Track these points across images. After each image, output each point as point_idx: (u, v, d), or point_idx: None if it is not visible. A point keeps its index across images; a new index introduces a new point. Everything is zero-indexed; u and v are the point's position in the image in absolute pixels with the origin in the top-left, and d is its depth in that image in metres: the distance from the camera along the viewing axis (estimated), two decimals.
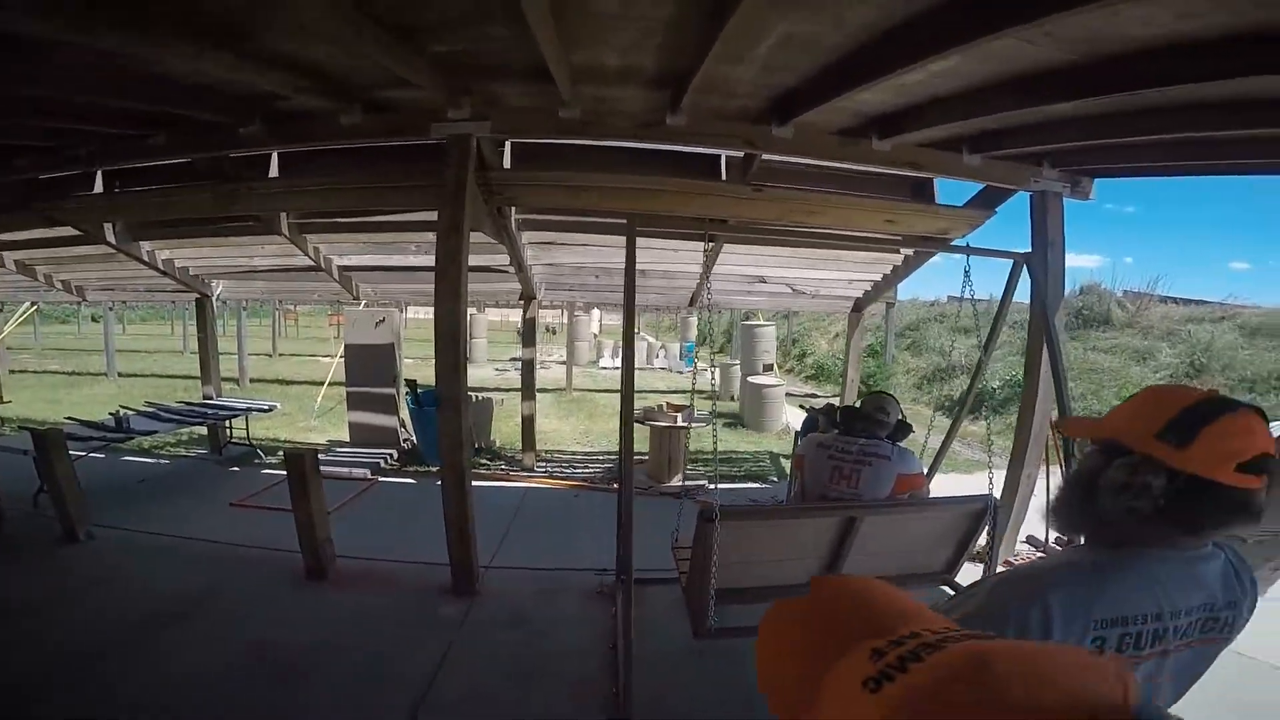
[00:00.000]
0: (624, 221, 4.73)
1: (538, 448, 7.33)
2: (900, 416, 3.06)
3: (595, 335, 19.92)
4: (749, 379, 10.11)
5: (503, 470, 6.76)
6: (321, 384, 9.79)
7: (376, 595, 3.74)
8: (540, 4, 1.98)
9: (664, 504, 5.01)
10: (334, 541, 4.10)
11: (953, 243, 4.87)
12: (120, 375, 13.27)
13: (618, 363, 17.01)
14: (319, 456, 6.46)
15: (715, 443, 2.94)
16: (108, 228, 5.35)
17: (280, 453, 5.67)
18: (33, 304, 11.09)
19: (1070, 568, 0.95)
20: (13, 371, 13.27)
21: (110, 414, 5.96)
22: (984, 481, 3.02)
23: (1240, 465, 0.83)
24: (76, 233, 5.29)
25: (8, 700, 2.67)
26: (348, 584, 3.89)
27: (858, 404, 3.17)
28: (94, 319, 15.74)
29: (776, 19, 2.11)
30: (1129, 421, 0.94)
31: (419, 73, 2.76)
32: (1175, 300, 11.22)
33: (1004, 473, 4.39)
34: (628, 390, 2.77)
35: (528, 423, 6.73)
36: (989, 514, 2.78)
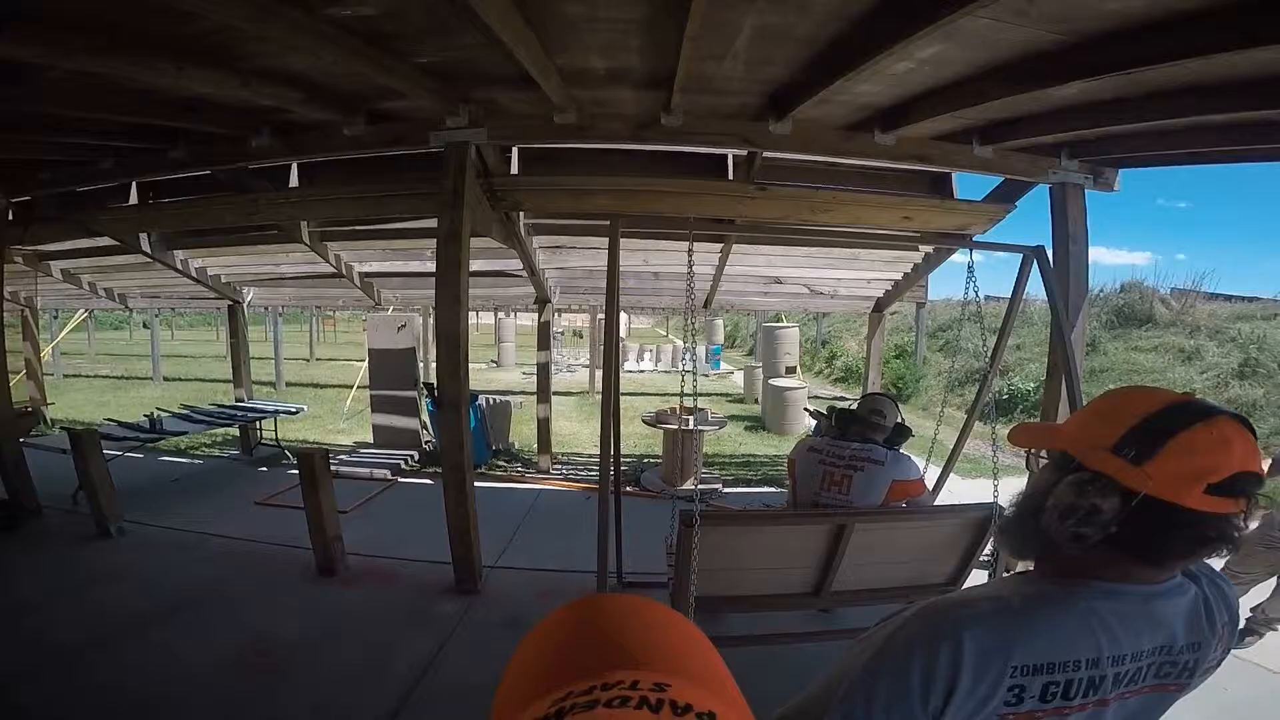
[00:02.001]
0: (638, 225, 4.82)
1: (556, 450, 7.38)
2: (899, 419, 2.96)
3: (623, 339, 19.96)
4: (771, 381, 9.99)
5: (518, 472, 6.83)
6: (352, 388, 10.06)
7: (381, 591, 3.83)
8: (501, 10, 1.99)
9: (679, 507, 4.99)
10: (349, 539, 4.20)
11: (974, 238, 4.74)
12: (165, 379, 13.90)
13: (643, 365, 17.05)
14: (343, 457, 6.73)
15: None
16: (143, 238, 5.59)
17: None
18: (86, 311, 11.68)
19: (995, 602, 0.80)
20: (67, 375, 14.04)
21: (145, 415, 6.22)
22: (1016, 487, 2.88)
23: (1212, 486, 0.70)
24: (115, 242, 5.56)
25: (12, 682, 2.82)
26: (355, 580, 3.98)
27: (853, 406, 3.08)
28: (144, 325, 16.51)
29: (743, 11, 2.08)
30: (1082, 430, 0.82)
31: (410, 83, 2.80)
32: (1224, 297, 10.66)
33: (1024, 478, 4.22)
34: (608, 393, 2.75)
35: (543, 425, 6.77)
36: (993, 523, 2.66)
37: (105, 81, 2.72)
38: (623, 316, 21.28)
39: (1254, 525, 3.15)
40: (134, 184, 4.77)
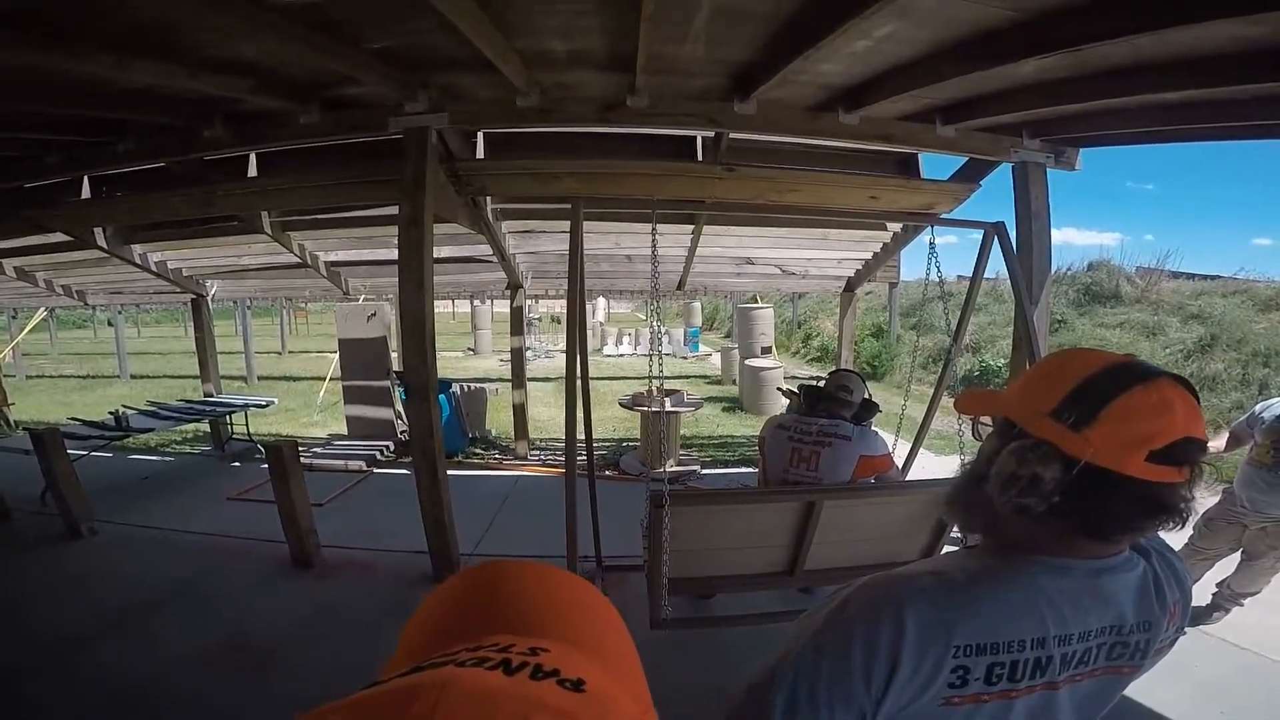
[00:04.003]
0: (606, 208, 4.79)
1: (534, 436, 7.37)
2: (866, 395, 3.00)
3: (601, 324, 19.92)
4: (747, 362, 10.05)
5: (495, 459, 6.81)
6: (325, 379, 9.91)
7: (357, 583, 3.81)
8: None
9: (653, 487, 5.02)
10: (325, 531, 4.18)
11: (941, 217, 4.80)
12: (133, 377, 13.55)
13: (622, 350, 17.04)
14: (317, 450, 6.65)
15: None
16: (98, 232, 5.42)
17: None
18: (46, 309, 11.33)
19: (938, 578, 0.76)
20: (29, 376, 13.63)
21: (110, 413, 6.07)
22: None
23: (1153, 453, 0.66)
24: (69, 238, 5.38)
25: None
26: (331, 573, 3.96)
27: (820, 383, 3.11)
28: (109, 323, 16.05)
29: None
30: (1023, 395, 0.78)
31: (366, 70, 2.74)
32: (1187, 275, 10.95)
33: None
34: (573, 377, 2.74)
35: (519, 411, 6.75)
36: None
37: (40, 75, 2.62)
38: (600, 301, 21.24)
39: (1215, 500, 3.17)
40: (85, 178, 4.62)
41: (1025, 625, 0.72)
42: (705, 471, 6.40)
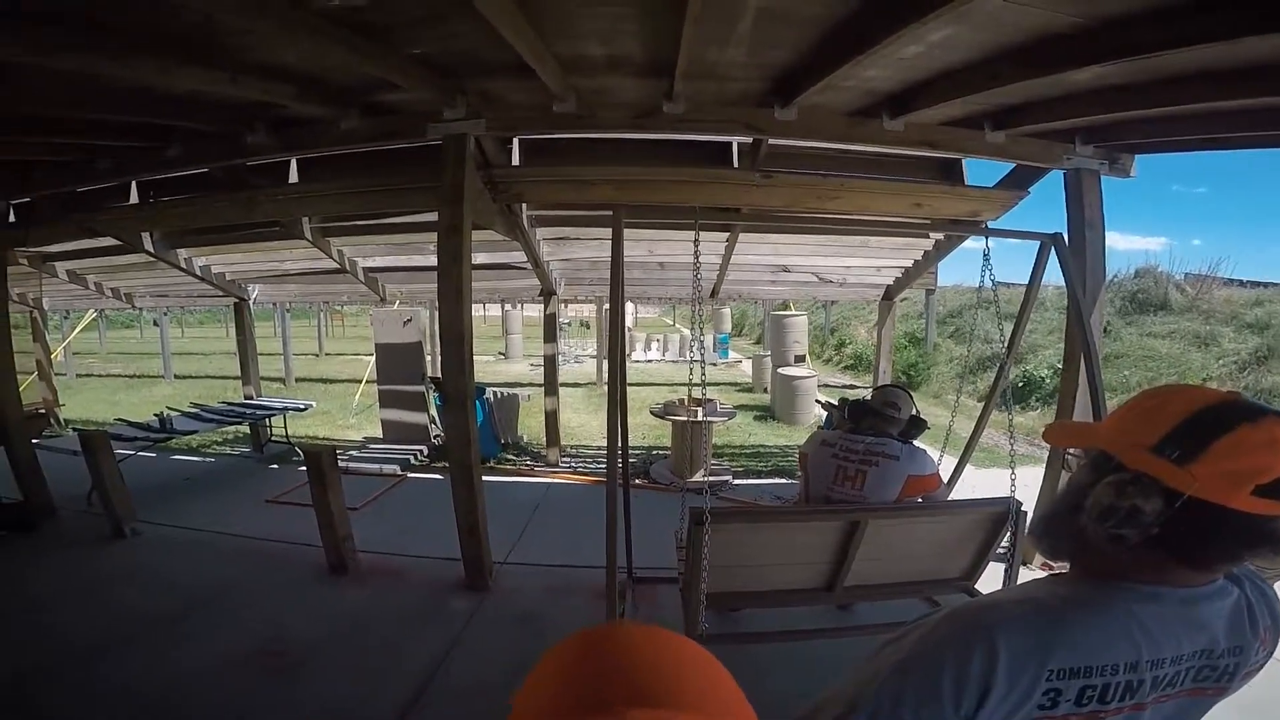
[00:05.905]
0: (642, 215, 4.75)
1: (565, 442, 7.36)
2: (914, 411, 2.90)
3: (630, 329, 19.92)
4: (780, 370, 9.91)
5: (527, 465, 6.81)
6: (361, 383, 10.06)
7: (392, 589, 3.82)
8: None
9: (689, 500, 4.96)
10: (360, 536, 4.20)
11: (988, 225, 4.65)
12: (176, 377, 13.98)
13: (650, 356, 17.00)
14: (352, 453, 6.74)
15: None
16: (145, 237, 5.58)
17: None
18: (96, 310, 11.73)
19: (1030, 604, 0.78)
20: (79, 375, 14.16)
21: (155, 415, 6.24)
22: (1031, 478, 2.79)
23: (1260, 488, 0.67)
24: (118, 242, 5.55)
25: (28, 683, 2.82)
26: (366, 578, 3.98)
27: (867, 398, 3.01)
28: (155, 324, 16.62)
29: None
30: (1121, 429, 0.79)
31: (405, 75, 2.75)
32: (1240, 283, 10.46)
33: (1041, 469, 4.15)
34: (614, 387, 2.69)
35: (551, 418, 6.74)
36: (1010, 519, 2.58)
37: (90, 80, 2.67)
38: (629, 307, 21.24)
39: None
40: (134, 183, 4.75)
41: (1119, 650, 0.74)
42: (737, 482, 6.30)
